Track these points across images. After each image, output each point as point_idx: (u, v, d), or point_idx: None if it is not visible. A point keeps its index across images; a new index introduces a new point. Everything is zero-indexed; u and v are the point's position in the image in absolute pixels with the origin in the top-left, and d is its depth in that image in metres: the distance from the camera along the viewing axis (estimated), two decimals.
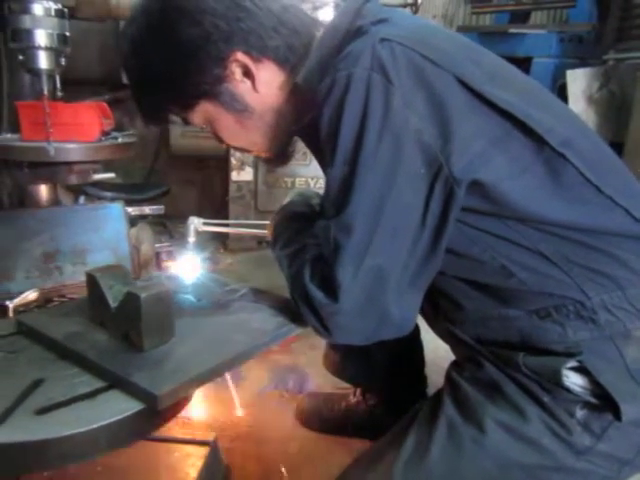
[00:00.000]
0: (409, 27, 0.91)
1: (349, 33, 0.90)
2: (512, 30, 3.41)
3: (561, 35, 3.28)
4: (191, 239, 1.39)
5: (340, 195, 0.85)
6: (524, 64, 3.19)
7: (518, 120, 0.83)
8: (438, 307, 1.05)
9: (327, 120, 0.85)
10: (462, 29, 3.98)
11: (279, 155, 1.10)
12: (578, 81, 3.02)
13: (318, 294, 0.88)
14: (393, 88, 0.80)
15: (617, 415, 0.82)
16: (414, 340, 1.44)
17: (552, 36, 3.26)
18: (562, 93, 3.07)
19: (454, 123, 0.80)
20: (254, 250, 3.04)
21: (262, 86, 0.96)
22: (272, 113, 1.00)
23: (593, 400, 0.84)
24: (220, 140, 1.07)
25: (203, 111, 0.99)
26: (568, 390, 0.84)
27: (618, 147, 2.78)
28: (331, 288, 0.86)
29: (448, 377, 1.01)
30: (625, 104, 2.99)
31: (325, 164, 0.91)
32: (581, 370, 0.84)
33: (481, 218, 0.85)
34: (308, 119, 0.99)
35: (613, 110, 3.04)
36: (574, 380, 0.84)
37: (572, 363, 0.84)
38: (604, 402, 0.83)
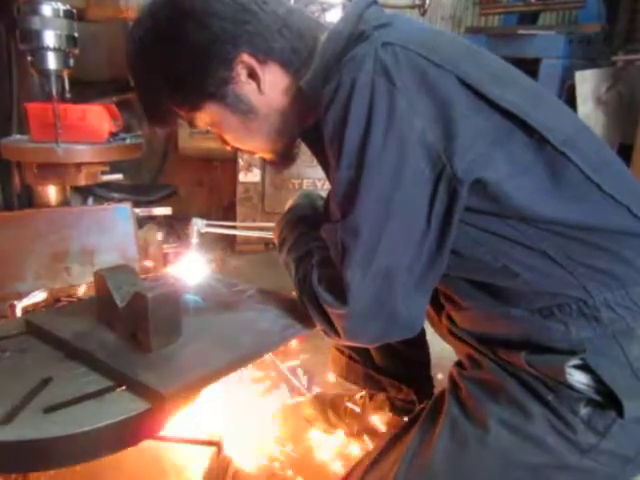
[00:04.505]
0: (411, 31, 0.92)
1: (352, 38, 0.91)
2: (521, 31, 3.40)
3: (570, 36, 3.26)
4: (194, 240, 1.40)
5: (346, 198, 0.86)
6: (533, 65, 3.17)
7: (520, 120, 0.83)
8: (441, 307, 1.05)
9: (332, 124, 0.85)
10: (470, 30, 3.97)
11: (283, 157, 1.10)
12: (587, 82, 3.01)
13: (327, 297, 0.90)
14: (396, 91, 0.81)
15: (620, 412, 0.82)
16: (420, 341, 1.44)
17: (561, 37, 3.25)
18: (571, 94, 3.06)
19: (457, 123, 0.81)
20: (261, 252, 3.05)
21: (267, 88, 0.97)
22: (276, 115, 1.01)
23: (597, 398, 0.84)
24: (225, 142, 1.08)
25: (208, 113, 0.99)
26: (572, 388, 0.84)
27: (627, 149, 2.76)
28: (340, 290, 0.87)
29: (451, 377, 1.02)
30: (634, 105, 2.98)
31: (328, 167, 0.91)
32: (584, 368, 0.84)
33: (484, 218, 0.86)
34: (312, 122, 1.00)
35: (622, 111, 3.02)
36: (578, 378, 0.84)
37: (575, 361, 0.84)
38: (607, 400, 0.83)
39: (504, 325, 0.92)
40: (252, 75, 0.96)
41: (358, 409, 1.55)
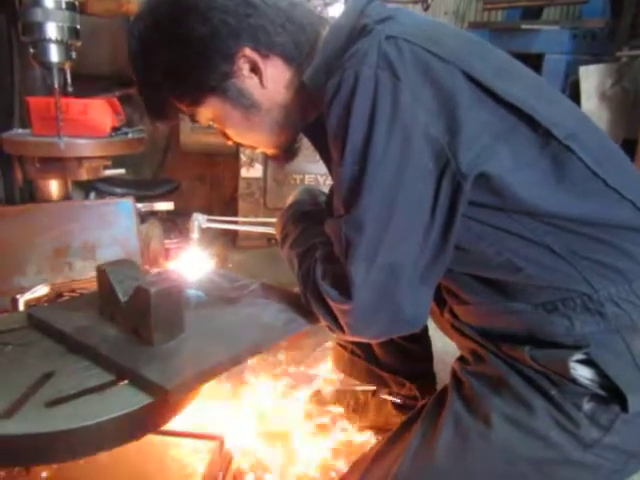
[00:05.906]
0: (414, 24, 0.91)
1: (354, 32, 0.90)
2: (524, 26, 3.37)
3: (574, 31, 3.24)
4: (195, 236, 1.39)
5: (350, 193, 0.85)
6: (536, 60, 3.15)
7: (524, 114, 0.83)
8: (443, 302, 1.05)
9: (335, 119, 0.85)
10: (474, 25, 3.95)
11: (285, 152, 1.10)
12: (591, 78, 2.99)
13: (331, 292, 0.89)
14: (401, 84, 0.80)
15: (624, 407, 0.82)
16: (423, 337, 1.44)
17: (565, 32, 3.22)
18: (575, 90, 3.04)
19: (461, 117, 0.80)
20: (264, 247, 3.04)
21: (269, 82, 0.96)
22: (279, 109, 1.00)
23: (600, 392, 0.84)
24: (227, 137, 1.07)
25: (210, 107, 0.99)
26: (575, 382, 0.84)
27: (632, 144, 2.75)
28: (344, 286, 0.86)
29: (454, 372, 1.02)
30: (638, 101, 2.96)
31: (331, 162, 0.91)
32: (588, 362, 0.84)
33: (488, 213, 0.85)
34: (314, 117, 0.99)
35: (626, 107, 3.01)
36: (582, 372, 0.84)
37: (579, 356, 0.84)
38: (611, 394, 0.83)
39: (508, 320, 0.92)
40: (254, 69, 0.95)
41: (360, 405, 1.55)
